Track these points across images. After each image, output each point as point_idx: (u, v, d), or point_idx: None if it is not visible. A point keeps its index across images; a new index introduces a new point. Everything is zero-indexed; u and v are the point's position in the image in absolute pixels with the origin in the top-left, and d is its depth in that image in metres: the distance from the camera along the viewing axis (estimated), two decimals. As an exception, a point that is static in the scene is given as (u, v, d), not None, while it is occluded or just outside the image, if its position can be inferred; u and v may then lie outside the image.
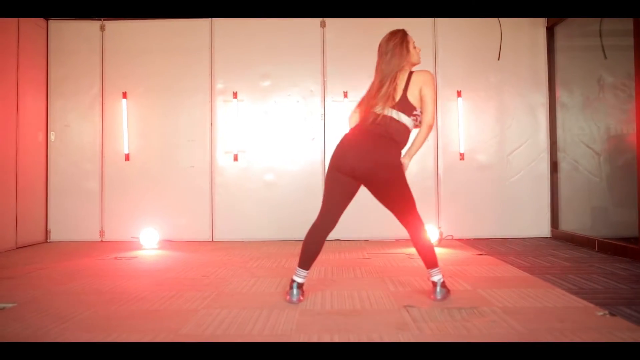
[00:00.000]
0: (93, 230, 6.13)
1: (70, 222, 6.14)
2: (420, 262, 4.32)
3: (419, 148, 3.08)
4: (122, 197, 6.12)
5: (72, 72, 6.17)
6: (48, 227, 6.13)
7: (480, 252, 4.90)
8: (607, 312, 2.73)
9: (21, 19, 5.64)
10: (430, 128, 3.03)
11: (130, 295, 3.27)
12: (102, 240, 6.09)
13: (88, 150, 6.17)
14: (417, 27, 5.98)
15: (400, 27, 3.22)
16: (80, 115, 6.18)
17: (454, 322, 2.59)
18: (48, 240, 6.12)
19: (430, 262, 3.09)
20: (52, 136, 6.15)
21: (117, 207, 6.12)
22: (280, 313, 2.80)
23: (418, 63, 3.16)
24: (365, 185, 3.05)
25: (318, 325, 2.58)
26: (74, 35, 6.18)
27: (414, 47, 3.14)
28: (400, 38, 3.11)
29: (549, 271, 3.95)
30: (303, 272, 3.07)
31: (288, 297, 3.06)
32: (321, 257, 4.70)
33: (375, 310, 2.85)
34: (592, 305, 2.88)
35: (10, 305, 3.02)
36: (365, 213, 4.96)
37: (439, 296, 3.04)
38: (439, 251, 5.05)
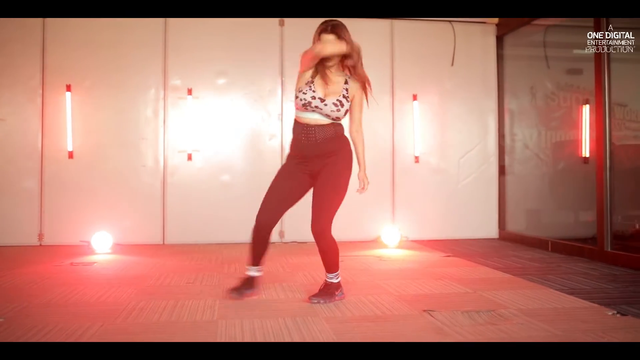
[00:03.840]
0: (31, 234, 5.63)
1: (4, 225, 5.59)
2: (401, 265, 4.40)
3: None
4: (65, 197, 5.67)
5: (8, 62, 5.62)
6: (-22, 231, 5.58)
7: (447, 254, 5.01)
8: (615, 311, 2.88)
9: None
10: None
11: (127, 306, 3.04)
12: (41, 244, 5.62)
13: (26, 146, 5.65)
14: (375, 29, 6.05)
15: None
16: (17, 109, 5.65)
17: (483, 326, 2.63)
18: (-22, 245, 5.57)
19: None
20: (-16, 131, 5.60)
21: (59, 208, 5.66)
22: (307, 321, 2.71)
23: None
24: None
25: (355, 332, 2.53)
26: (11, 21, 5.62)
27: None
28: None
29: (526, 272, 4.11)
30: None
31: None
32: (298, 260, 4.64)
33: (398, 316, 2.84)
34: (596, 305, 3.04)
35: (-3, 320, 2.71)
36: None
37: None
38: (401, 253, 5.16)
